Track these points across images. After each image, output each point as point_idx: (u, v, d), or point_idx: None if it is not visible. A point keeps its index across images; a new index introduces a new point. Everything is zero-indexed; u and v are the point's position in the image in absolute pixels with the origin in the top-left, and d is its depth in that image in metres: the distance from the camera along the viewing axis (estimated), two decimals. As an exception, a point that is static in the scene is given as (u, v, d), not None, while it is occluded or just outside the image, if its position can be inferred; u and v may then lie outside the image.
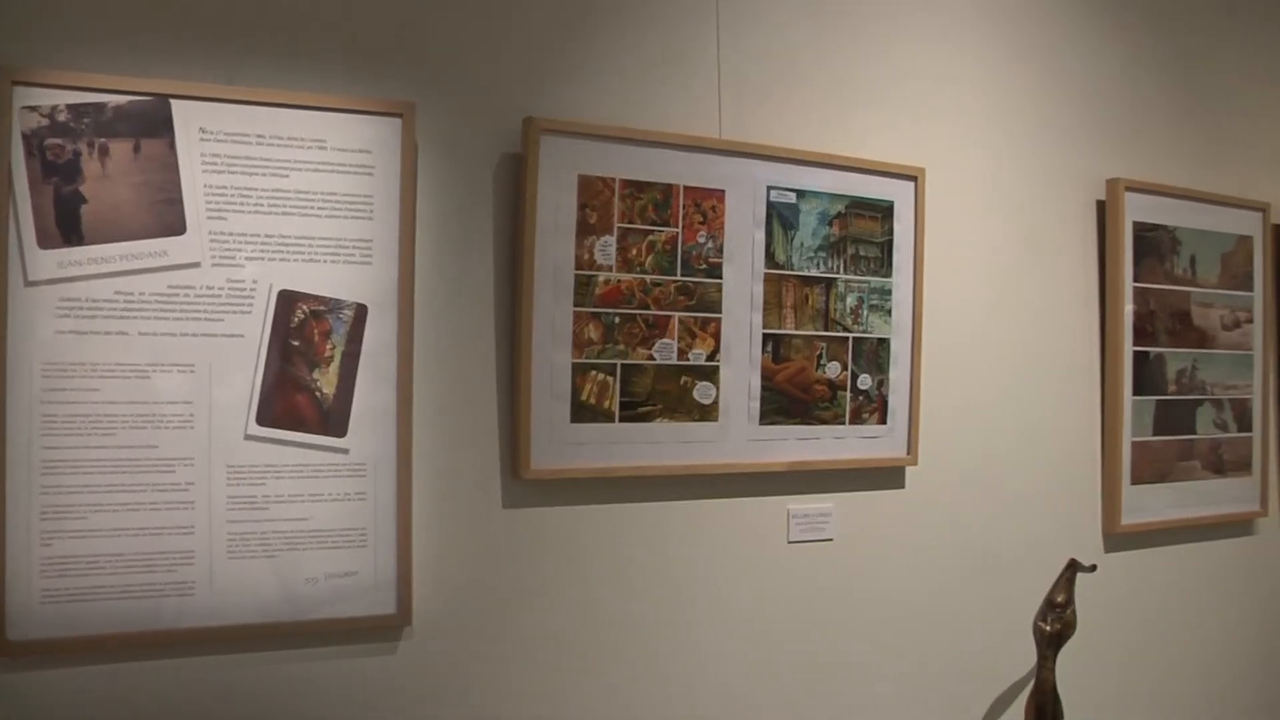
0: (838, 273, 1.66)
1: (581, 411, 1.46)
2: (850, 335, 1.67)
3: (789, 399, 1.62)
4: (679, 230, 1.54)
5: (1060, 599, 1.83)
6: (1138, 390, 2.03)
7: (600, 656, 1.53)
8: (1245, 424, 2.23)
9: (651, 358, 1.50)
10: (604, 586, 1.53)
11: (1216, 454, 2.18)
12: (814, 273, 1.64)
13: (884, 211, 1.70)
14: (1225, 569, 2.26)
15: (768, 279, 1.60)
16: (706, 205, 1.56)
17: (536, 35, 1.49)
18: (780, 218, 1.62)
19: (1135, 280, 2.03)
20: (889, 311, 1.70)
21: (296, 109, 1.29)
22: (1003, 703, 1.93)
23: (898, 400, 1.72)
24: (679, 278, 1.53)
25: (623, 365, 1.48)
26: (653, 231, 1.51)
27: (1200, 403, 2.15)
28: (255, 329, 1.27)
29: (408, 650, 1.38)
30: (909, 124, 1.81)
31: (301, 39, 1.33)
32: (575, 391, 1.46)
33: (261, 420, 1.27)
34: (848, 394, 1.67)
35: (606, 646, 1.53)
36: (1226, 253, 2.20)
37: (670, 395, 1.52)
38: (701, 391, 1.54)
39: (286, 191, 1.29)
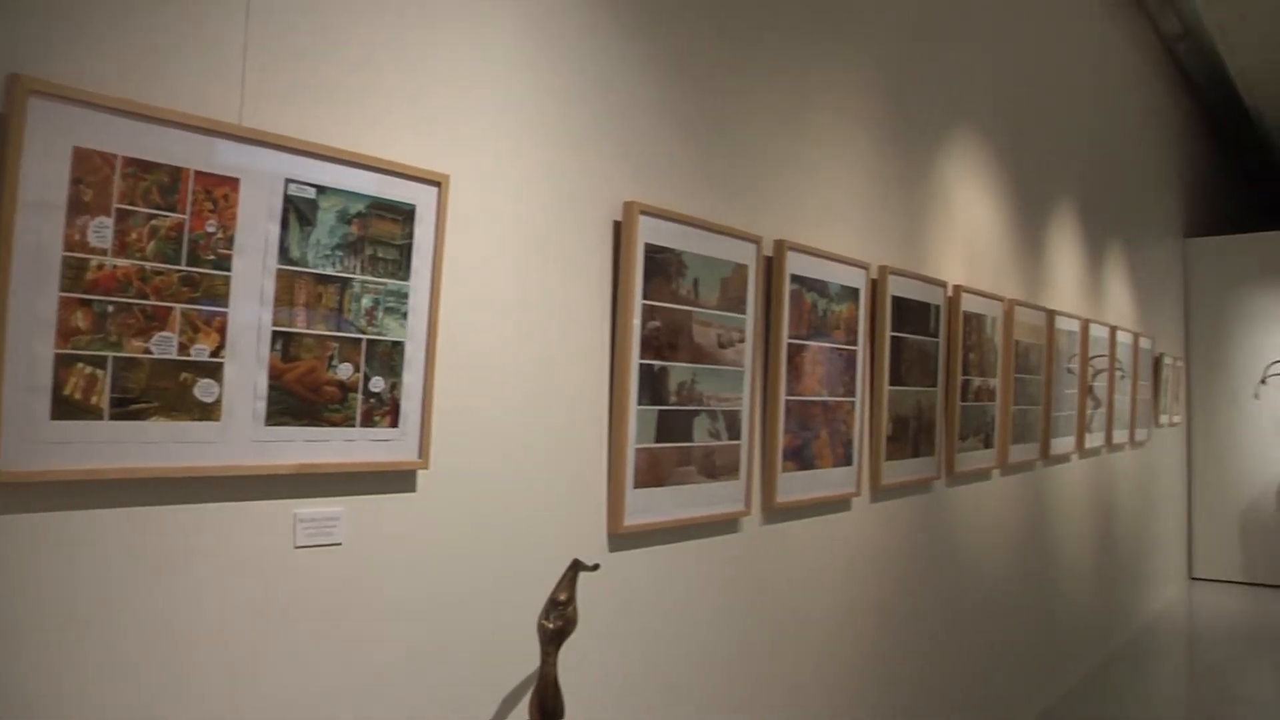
0: (355, 273, 1.88)
1: (65, 408, 1.53)
2: (364, 337, 1.90)
3: (298, 399, 1.81)
4: (186, 217, 1.66)
5: (563, 597, 2.20)
6: (643, 400, 2.51)
7: (87, 672, 1.59)
8: (735, 432, 2.82)
9: (149, 351, 1.62)
10: (90, 599, 1.59)
11: (710, 459, 2.73)
12: (330, 271, 1.85)
13: (406, 215, 1.97)
14: (715, 563, 2.84)
15: (281, 275, 1.78)
16: (219, 193, 1.70)
17: (29, -12, 1.53)
18: (298, 213, 1.80)
19: (645, 298, 2.50)
20: (405, 315, 1.97)
21: None
22: (512, 700, 2.27)
23: (410, 404, 1.98)
24: (183, 268, 1.65)
25: (115, 358, 1.58)
26: (156, 216, 1.62)
27: (698, 413, 2.68)
28: None
29: None
30: (439, 130, 2.09)
31: None
32: (58, 386, 1.52)
33: None
34: (359, 396, 1.90)
35: (94, 662, 1.60)
36: (725, 278, 2.77)
37: (169, 392, 1.64)
38: (203, 389, 1.68)
39: None
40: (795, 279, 3.11)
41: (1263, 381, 9.42)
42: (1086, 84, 6.64)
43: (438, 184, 2.02)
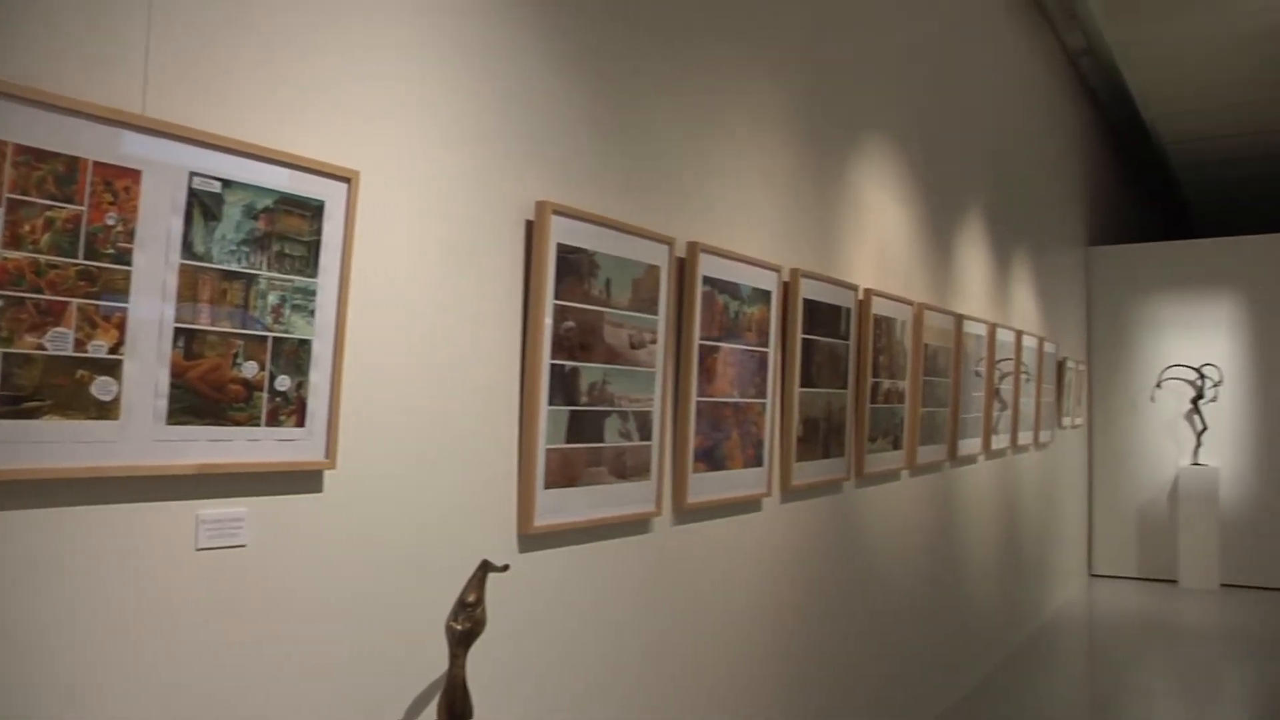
0: (261, 269, 1.86)
1: (-52, 406, 1.48)
2: (270, 335, 1.88)
3: (201, 398, 1.78)
4: (84, 209, 1.62)
5: (472, 598, 2.20)
6: (553, 400, 2.51)
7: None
8: (646, 433, 2.84)
9: (42, 347, 1.57)
10: (-29, 602, 1.56)
11: (621, 460, 2.75)
12: (236, 267, 1.82)
13: (314, 211, 1.94)
14: (626, 563, 2.86)
15: (184, 270, 1.74)
16: (119, 185, 1.66)
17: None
18: (203, 207, 1.77)
19: (556, 298, 2.51)
20: (312, 313, 1.94)
21: None
22: (421, 701, 2.25)
23: (318, 403, 1.96)
24: (81, 261, 1.61)
25: (6, 354, 1.53)
26: (52, 207, 1.58)
27: (609, 414, 2.70)
28: None
29: None
30: (350, 126, 2.07)
31: None
32: (-59, 382, 1.48)
33: None
34: (265, 395, 1.87)
35: (-27, 670, 1.56)
36: (637, 279, 2.79)
37: (64, 390, 1.60)
38: (101, 387, 1.64)
39: None
40: (707, 280, 3.14)
41: (1158, 385, 9.79)
42: (996, 95, 6.83)
43: (348, 180, 2.00)
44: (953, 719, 5.39)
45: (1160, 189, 13.66)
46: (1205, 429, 9.52)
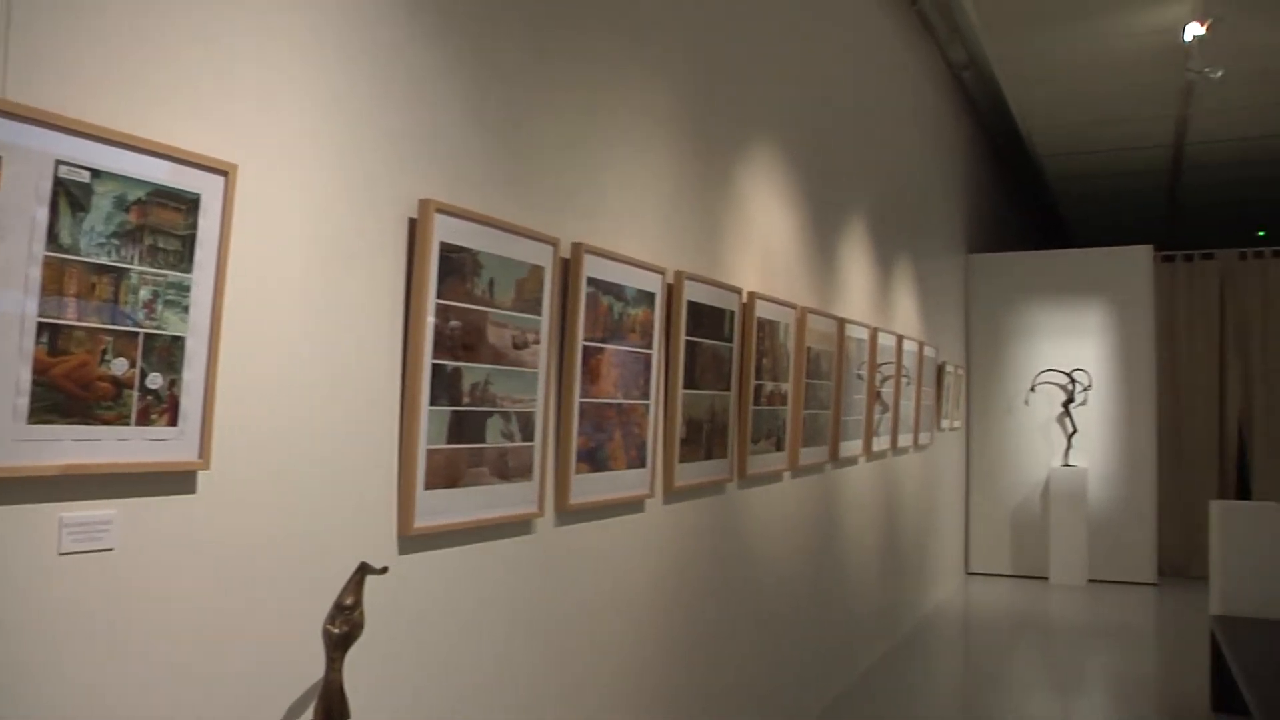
0: (132, 263, 1.82)
1: None
2: (142, 331, 1.84)
3: (66, 396, 1.73)
4: (-61, 197, 1.57)
5: (349, 601, 2.19)
6: (435, 401, 2.51)
7: None
8: (529, 434, 2.86)
9: (-107, 342, 1.52)
10: None
11: (503, 461, 2.76)
12: (105, 261, 1.78)
13: (190, 204, 1.91)
14: (509, 564, 2.87)
15: (49, 263, 1.69)
16: (-23, 172, 1.61)
17: None
18: (70, 197, 1.73)
19: (439, 297, 2.51)
20: (187, 309, 1.91)
21: None
22: (299, 707, 2.23)
23: (191, 401, 1.92)
24: (-64, 253, 1.56)
25: None
26: (-95, 196, 1.53)
27: (491, 414, 2.71)
28: None
29: None
30: (228, 117, 2.04)
31: None
32: None
33: None
34: (135, 393, 1.83)
35: None
36: (521, 279, 2.81)
37: (-83, 385, 1.55)
38: (-45, 383, 1.59)
39: None
40: (592, 282, 3.17)
41: (1032, 389, 10.19)
42: (881, 104, 7.03)
43: (225, 173, 1.97)
44: (836, 714, 5.53)
45: (1037, 200, 14.22)
46: (1075, 431, 9.96)
